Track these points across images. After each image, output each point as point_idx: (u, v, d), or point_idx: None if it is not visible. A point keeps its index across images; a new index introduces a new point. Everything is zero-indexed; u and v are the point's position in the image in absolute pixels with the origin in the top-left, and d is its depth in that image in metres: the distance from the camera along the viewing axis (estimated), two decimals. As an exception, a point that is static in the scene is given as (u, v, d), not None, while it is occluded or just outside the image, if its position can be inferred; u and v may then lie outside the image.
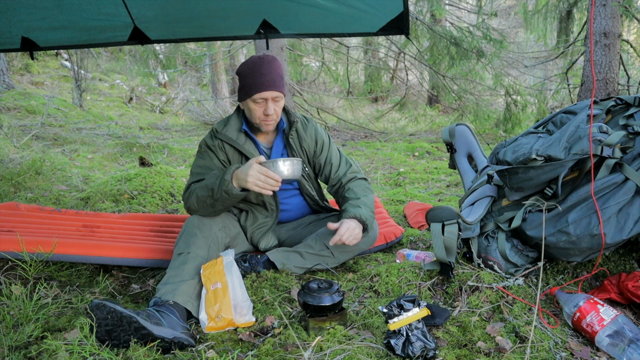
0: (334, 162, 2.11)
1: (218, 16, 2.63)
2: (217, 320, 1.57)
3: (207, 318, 1.58)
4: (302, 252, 2.01)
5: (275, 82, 1.87)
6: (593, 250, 1.64)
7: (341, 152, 2.18)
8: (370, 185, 2.13)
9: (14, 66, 9.43)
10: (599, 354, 1.40)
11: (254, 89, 1.86)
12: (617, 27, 4.61)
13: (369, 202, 2.01)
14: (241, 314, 1.61)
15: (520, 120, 6.77)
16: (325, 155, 2.10)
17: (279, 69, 1.91)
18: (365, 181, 2.12)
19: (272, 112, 1.89)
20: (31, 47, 2.82)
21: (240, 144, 1.98)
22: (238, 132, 1.99)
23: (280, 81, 1.90)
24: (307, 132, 2.07)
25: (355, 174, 2.12)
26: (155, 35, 2.83)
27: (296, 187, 2.14)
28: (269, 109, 1.88)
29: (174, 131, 7.88)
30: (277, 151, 2.07)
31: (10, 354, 1.45)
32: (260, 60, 1.88)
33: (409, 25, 2.41)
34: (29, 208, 2.60)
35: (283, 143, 2.07)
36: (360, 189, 2.06)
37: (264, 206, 2.13)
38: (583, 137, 1.61)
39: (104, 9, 2.56)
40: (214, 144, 1.99)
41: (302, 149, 2.07)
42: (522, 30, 10.71)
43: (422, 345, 1.37)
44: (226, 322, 1.58)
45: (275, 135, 2.07)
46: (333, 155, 2.12)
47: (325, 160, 2.10)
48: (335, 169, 2.11)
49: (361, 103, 10.47)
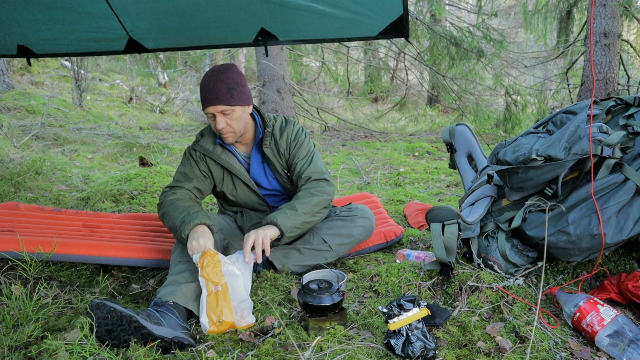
0: (298, 161, 2.03)
1: (215, 26, 2.60)
2: (219, 324, 1.57)
3: (209, 322, 1.57)
4: (300, 249, 2.01)
5: (218, 96, 1.82)
6: (593, 250, 1.64)
7: (313, 150, 2.07)
8: (326, 186, 1.98)
9: (14, 66, 9.42)
10: (599, 354, 1.40)
11: (202, 104, 1.86)
12: (617, 27, 4.61)
13: (299, 203, 1.88)
14: (242, 315, 1.61)
15: (520, 120, 6.77)
16: (295, 154, 2.04)
17: (231, 80, 1.84)
18: (321, 182, 1.99)
19: (221, 125, 1.86)
20: (27, 54, 2.82)
21: (217, 155, 2.00)
22: (214, 145, 2.01)
23: (227, 94, 1.83)
24: (282, 136, 2.05)
25: (313, 174, 2.00)
26: (152, 45, 2.82)
27: (281, 192, 2.15)
28: (218, 123, 1.86)
29: (174, 131, 7.88)
30: (257, 160, 2.08)
31: (10, 354, 1.45)
32: (211, 74, 1.86)
33: (409, 28, 2.40)
34: (29, 208, 2.59)
35: (260, 152, 2.07)
36: (305, 192, 1.94)
37: (253, 209, 2.16)
38: (583, 137, 1.61)
39: (96, 23, 2.53)
40: (196, 154, 2.02)
41: (279, 154, 2.05)
42: (522, 30, 10.71)
43: (422, 345, 1.37)
44: (227, 326, 1.58)
45: (253, 144, 2.07)
46: (301, 154, 2.04)
47: (294, 159, 2.05)
48: (298, 169, 2.03)
49: (361, 103, 10.46)
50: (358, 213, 2.13)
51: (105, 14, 2.44)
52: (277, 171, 2.07)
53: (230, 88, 1.84)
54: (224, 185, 2.08)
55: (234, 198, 2.11)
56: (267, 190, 2.13)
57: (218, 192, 2.14)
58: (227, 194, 2.10)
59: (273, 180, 2.11)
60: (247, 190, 2.10)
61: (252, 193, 2.10)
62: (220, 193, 2.13)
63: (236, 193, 2.10)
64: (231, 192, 2.10)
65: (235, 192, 2.10)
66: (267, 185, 2.11)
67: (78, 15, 2.46)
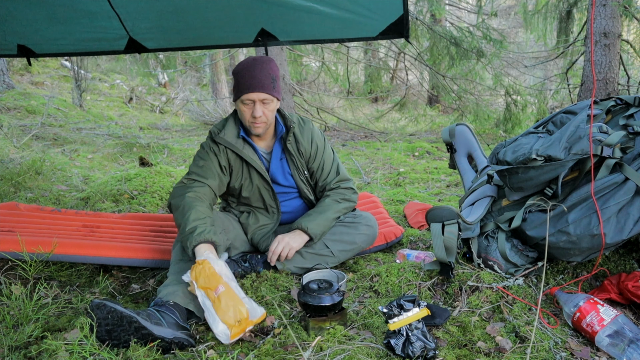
0: (324, 168, 2.10)
1: (215, 26, 2.60)
2: (238, 324, 1.48)
3: (227, 327, 1.48)
4: (302, 252, 2.01)
5: (264, 84, 1.85)
6: (593, 250, 1.64)
7: (335, 157, 2.16)
8: (352, 194, 2.13)
9: (14, 66, 9.42)
10: (599, 354, 1.40)
11: (242, 90, 1.86)
12: (617, 27, 4.61)
13: (329, 210, 2.02)
14: (252, 307, 1.56)
15: (520, 120, 6.77)
16: (318, 161, 2.09)
17: (273, 71, 1.89)
18: (348, 190, 2.12)
19: (259, 114, 1.87)
20: (28, 54, 2.82)
21: (240, 149, 1.99)
22: (236, 138, 1.99)
23: (271, 84, 1.87)
24: (304, 135, 2.06)
25: (341, 182, 2.11)
26: (152, 45, 2.82)
27: (295, 190, 2.14)
28: (256, 111, 1.87)
29: (174, 131, 7.88)
30: (276, 156, 2.07)
31: (10, 354, 1.45)
32: (254, 62, 1.87)
33: (409, 28, 2.40)
34: (29, 208, 2.59)
35: (281, 148, 2.07)
36: (333, 199, 2.07)
37: (265, 209, 2.14)
38: (583, 137, 1.61)
39: (96, 22, 2.52)
40: (218, 148, 1.99)
41: (299, 152, 2.06)
42: (522, 30, 10.71)
43: (422, 345, 1.37)
44: (245, 322, 1.50)
45: (274, 141, 2.07)
46: (325, 161, 2.11)
47: (318, 166, 2.10)
48: (324, 176, 2.10)
49: (361, 103, 10.46)
50: (362, 220, 2.13)
51: (106, 13, 2.44)
52: (295, 167, 2.07)
53: (274, 78, 1.89)
54: (241, 179, 2.05)
55: (247, 193, 2.08)
56: (282, 187, 2.11)
57: (231, 188, 2.09)
58: (242, 189, 2.07)
59: (289, 177, 2.10)
60: (263, 186, 2.07)
61: (267, 190, 2.08)
62: (234, 188, 2.09)
63: (252, 188, 2.07)
64: (247, 187, 2.07)
65: (250, 187, 2.07)
66: (283, 182, 2.10)
67: (79, 13, 2.45)
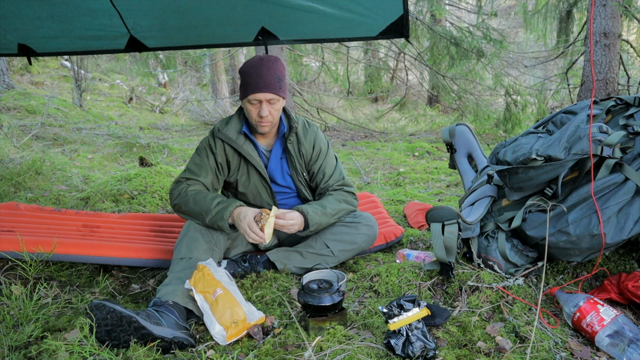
0: (327, 172, 2.09)
1: (216, 24, 2.60)
2: (234, 325, 1.50)
3: (224, 328, 1.50)
4: (303, 252, 2.01)
5: (270, 84, 1.86)
6: (593, 250, 1.64)
7: (338, 162, 2.15)
8: (353, 199, 2.11)
9: (14, 66, 9.42)
10: (599, 354, 1.40)
11: (249, 90, 1.86)
12: (617, 27, 4.60)
13: (330, 206, 2.00)
14: (250, 311, 1.58)
15: (520, 120, 6.76)
16: (319, 164, 2.09)
17: (279, 71, 1.90)
18: (349, 195, 2.11)
19: (266, 114, 1.88)
20: (28, 53, 2.81)
21: (240, 145, 1.98)
22: (237, 134, 1.99)
23: (278, 84, 1.88)
24: (306, 137, 2.06)
25: (344, 186, 2.11)
26: (152, 44, 2.82)
27: (293, 190, 2.14)
28: (262, 110, 1.88)
29: (174, 131, 7.88)
30: (276, 155, 2.07)
31: (10, 354, 1.45)
32: (261, 61, 1.88)
33: (409, 28, 2.40)
34: (29, 208, 2.59)
35: (282, 147, 2.07)
36: (335, 197, 2.05)
37: (259, 207, 2.14)
38: (583, 137, 1.61)
39: (98, 20, 2.53)
40: (215, 144, 1.99)
41: (300, 153, 2.06)
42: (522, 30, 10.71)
43: (422, 345, 1.37)
44: (243, 325, 1.52)
45: (275, 139, 2.07)
46: (327, 165, 2.10)
47: (319, 169, 2.09)
48: (326, 179, 2.09)
49: (361, 103, 10.46)
50: (362, 221, 2.13)
51: (107, 11, 2.44)
52: (294, 168, 2.07)
53: (280, 78, 1.89)
54: (238, 174, 2.06)
55: (244, 190, 2.09)
56: (280, 186, 2.11)
57: (229, 183, 2.10)
58: (238, 184, 2.08)
59: (288, 177, 2.10)
60: (260, 184, 2.07)
61: (264, 188, 2.08)
62: (231, 183, 2.10)
63: (249, 184, 2.07)
64: (244, 183, 2.07)
65: (247, 184, 2.07)
66: (281, 182, 2.10)
67: (80, 11, 2.45)
